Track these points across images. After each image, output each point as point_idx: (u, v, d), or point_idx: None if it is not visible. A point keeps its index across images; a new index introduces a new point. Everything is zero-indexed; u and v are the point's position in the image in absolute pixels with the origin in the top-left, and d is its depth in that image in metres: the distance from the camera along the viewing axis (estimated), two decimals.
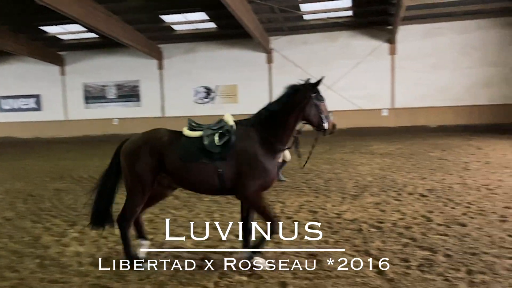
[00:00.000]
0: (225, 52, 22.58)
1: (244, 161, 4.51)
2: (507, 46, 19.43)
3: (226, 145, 4.53)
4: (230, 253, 5.01)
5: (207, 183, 4.56)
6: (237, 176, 4.49)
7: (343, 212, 6.70)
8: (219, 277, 4.37)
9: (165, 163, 4.55)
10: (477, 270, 4.23)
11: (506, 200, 6.98)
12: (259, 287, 4.14)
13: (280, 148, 4.71)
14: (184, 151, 4.55)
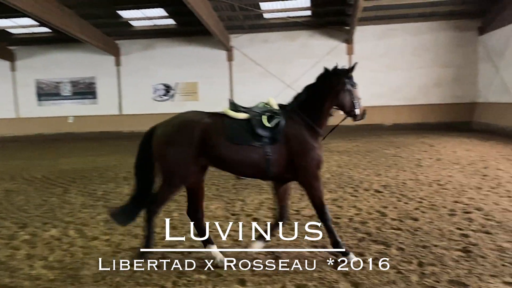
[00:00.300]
0: (185, 49, 22.32)
1: (296, 145, 4.48)
2: (456, 47, 20.35)
3: (276, 128, 4.45)
4: (188, 252, 4.98)
5: (255, 167, 4.47)
6: (288, 161, 4.45)
7: (302, 208, 6.81)
8: (177, 276, 4.34)
9: (208, 146, 4.38)
10: (427, 262, 4.43)
11: (455, 195, 7.33)
12: (218, 285, 4.14)
13: (320, 132, 4.72)
14: (231, 133, 4.41)
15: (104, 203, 7.63)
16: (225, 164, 4.54)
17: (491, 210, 6.30)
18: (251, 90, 21.55)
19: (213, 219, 6.32)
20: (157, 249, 5.10)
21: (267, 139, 4.41)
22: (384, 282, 4.03)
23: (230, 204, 7.27)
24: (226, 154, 4.41)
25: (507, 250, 4.69)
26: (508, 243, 4.89)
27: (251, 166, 4.47)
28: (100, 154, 14.96)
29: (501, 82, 17.57)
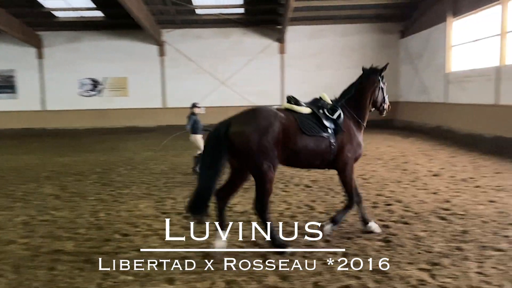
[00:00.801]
0: (114, 43, 21.39)
1: (346, 136, 5.03)
2: (380, 49, 21.48)
3: (338, 120, 4.99)
4: (115, 253, 4.81)
5: (322, 156, 4.94)
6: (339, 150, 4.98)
7: (234, 205, 6.83)
8: (102, 278, 4.17)
9: (287, 139, 4.66)
10: (351, 253, 4.65)
11: (378, 188, 7.76)
12: (146, 285, 4.04)
13: (363, 125, 5.35)
14: (305, 126, 4.79)
15: (23, 205, 7.13)
16: (298, 155, 4.81)
17: (409, 202, 6.74)
18: (184, 86, 21.24)
19: (142, 219, 6.15)
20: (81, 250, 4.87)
21: (332, 130, 4.93)
22: (311, 274, 4.16)
23: (161, 202, 7.12)
24: (302, 145, 4.76)
25: (423, 238, 5.05)
26: (423, 232, 5.26)
27: (320, 155, 4.93)
28: (21, 152, 13.97)
29: (419, 83, 18.86)
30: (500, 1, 12.61)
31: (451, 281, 3.90)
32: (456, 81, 15.54)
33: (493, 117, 12.95)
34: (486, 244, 4.79)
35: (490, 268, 4.13)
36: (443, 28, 16.24)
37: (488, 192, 7.26)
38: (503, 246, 4.69)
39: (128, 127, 21.16)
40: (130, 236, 5.41)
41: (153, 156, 12.69)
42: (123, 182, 8.92)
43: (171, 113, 21.37)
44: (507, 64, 12.51)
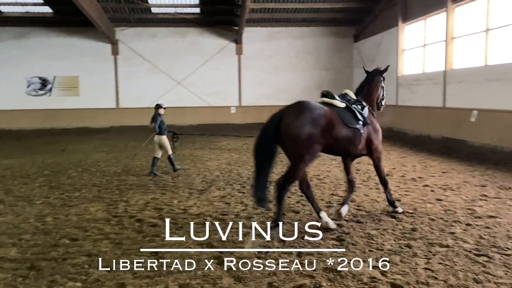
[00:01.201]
0: (64, 40, 20.53)
1: (373, 127, 5.94)
2: (335, 52, 22.00)
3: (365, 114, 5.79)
4: (63, 259, 4.59)
5: (356, 145, 5.64)
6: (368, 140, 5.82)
7: (189, 207, 6.74)
8: (48, 285, 3.96)
9: (331, 129, 5.25)
10: (306, 252, 4.68)
11: (332, 188, 7.91)
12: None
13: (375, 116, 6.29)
14: (345, 118, 5.45)
15: None
16: (338, 144, 5.46)
17: (362, 201, 6.91)
18: (138, 86, 20.77)
19: (92, 222, 5.93)
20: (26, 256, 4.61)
21: (362, 122, 5.63)
22: (265, 275, 4.15)
23: (113, 205, 6.89)
24: (343, 135, 5.41)
25: (374, 236, 5.17)
26: (375, 231, 5.40)
27: (354, 145, 5.61)
28: None
29: None
30: (445, 9, 13.23)
31: (401, 278, 4.02)
32: (406, 84, 16.16)
33: (441, 119, 13.57)
34: (433, 241, 4.98)
35: (437, 264, 4.29)
36: (395, 33, 16.85)
37: (435, 191, 7.57)
38: (449, 243, 4.89)
39: (79, 128, 20.40)
40: (80, 240, 5.20)
41: (106, 157, 12.29)
42: (73, 185, 8.58)
43: (125, 113, 20.86)
44: (453, 68, 13.14)
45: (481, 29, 11.89)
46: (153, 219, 6.07)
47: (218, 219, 6.00)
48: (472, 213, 6.08)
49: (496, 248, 4.68)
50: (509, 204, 6.53)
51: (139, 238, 5.25)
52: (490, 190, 7.49)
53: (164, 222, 5.82)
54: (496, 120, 11.12)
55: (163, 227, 5.67)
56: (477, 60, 12.14)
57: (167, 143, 9.68)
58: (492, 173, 9.04)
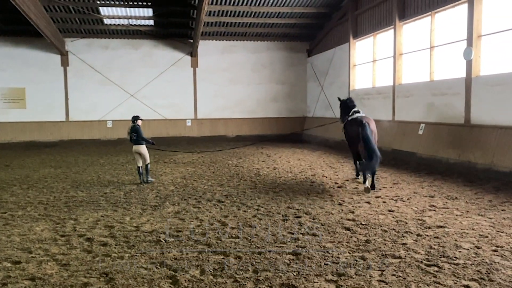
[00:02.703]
0: (9, 50, 19.54)
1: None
2: (289, 66, 22.39)
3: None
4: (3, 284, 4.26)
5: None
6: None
7: (142, 224, 6.52)
8: None
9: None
10: (262, 268, 4.63)
11: (288, 201, 7.94)
12: None
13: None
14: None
15: None
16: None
17: (317, 213, 6.97)
18: (89, 98, 20.13)
19: (38, 243, 5.59)
20: None
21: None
22: None
23: (60, 224, 6.54)
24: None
25: (330, 249, 5.21)
26: (330, 243, 5.45)
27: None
28: None
29: (324, 99, 19.93)
30: (393, 26, 13.83)
31: None
32: (358, 98, 16.64)
33: (390, 131, 14.07)
34: (386, 252, 5.08)
35: (390, 276, 4.37)
36: (346, 48, 17.39)
37: (387, 202, 7.78)
38: (401, 254, 5.01)
39: (26, 142, 19.41)
40: (23, 263, 4.87)
41: (54, 173, 11.73)
42: (17, 202, 8.08)
43: (75, 127, 20.12)
44: (402, 83, 13.70)
45: (426, 46, 12.52)
46: (104, 238, 5.81)
47: (172, 236, 5.84)
48: (422, 224, 6.28)
49: (445, 258, 4.84)
50: (456, 214, 6.81)
51: (88, 259, 4.99)
52: (438, 201, 7.79)
53: (115, 241, 5.60)
54: (441, 133, 11.67)
55: (114, 245, 5.45)
56: (423, 75, 12.74)
57: (147, 152, 10.22)
58: (440, 183, 9.43)
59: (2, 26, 18.48)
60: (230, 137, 21.81)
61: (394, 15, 13.74)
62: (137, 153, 10.09)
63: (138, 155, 10.10)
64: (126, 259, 4.95)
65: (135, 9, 17.64)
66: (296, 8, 18.07)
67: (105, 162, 13.96)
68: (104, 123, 20.33)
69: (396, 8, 13.63)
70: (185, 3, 17.33)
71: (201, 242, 5.56)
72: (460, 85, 10.99)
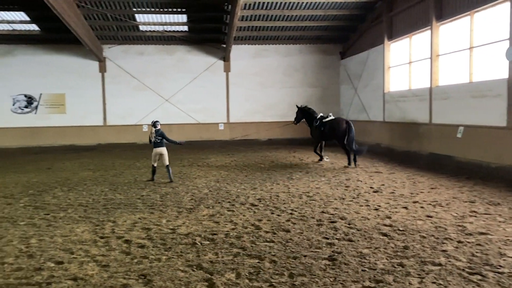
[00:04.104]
0: (51, 58, 20.36)
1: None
2: (322, 69, 22.21)
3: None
4: (47, 283, 4.43)
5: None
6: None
7: (178, 226, 6.61)
8: None
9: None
10: (297, 273, 4.60)
11: (323, 206, 7.86)
12: None
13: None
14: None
15: None
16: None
17: (352, 218, 6.87)
18: (125, 103, 20.67)
19: (79, 244, 5.77)
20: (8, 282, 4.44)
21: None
22: None
23: (100, 226, 6.73)
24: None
25: (367, 255, 5.12)
26: (367, 249, 5.35)
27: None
28: None
29: (358, 102, 19.65)
30: (430, 27, 13.49)
31: None
32: (392, 100, 16.34)
33: (428, 135, 13.71)
34: (425, 259, 4.94)
35: (431, 284, 4.24)
36: (381, 50, 17.10)
37: (425, 207, 7.57)
38: (442, 261, 4.86)
39: (65, 146, 20.14)
40: (65, 263, 5.04)
41: (92, 176, 12.10)
42: (58, 204, 8.38)
43: (111, 131, 20.69)
44: (439, 85, 13.34)
45: (465, 47, 12.13)
46: (141, 240, 5.93)
47: (207, 239, 5.90)
48: (463, 230, 6.08)
49: (489, 266, 4.66)
50: (499, 221, 6.55)
51: (127, 260, 5.11)
52: (479, 206, 7.52)
53: (153, 243, 5.71)
54: (481, 136, 11.27)
55: (152, 247, 5.56)
56: (462, 77, 12.34)
57: (167, 154, 11.00)
58: (481, 188, 9.10)
59: (44, 34, 19.27)
60: (262, 141, 21.84)
61: (431, 15, 13.40)
62: (159, 154, 10.86)
63: (159, 156, 10.87)
64: (163, 261, 5.03)
65: (169, 15, 17.97)
66: (329, 11, 17.92)
67: (141, 165, 14.27)
68: (140, 127, 20.81)
69: (433, 9, 13.29)
70: (219, 8, 17.53)
71: (236, 246, 5.58)
72: (501, 86, 10.58)
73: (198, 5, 17.06)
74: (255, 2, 16.90)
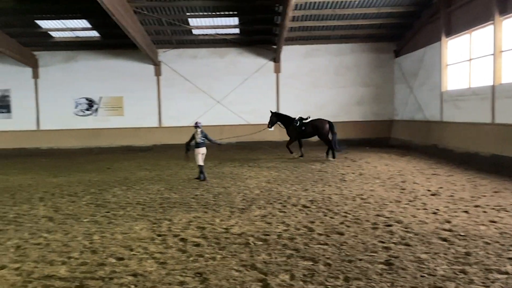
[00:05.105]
0: (110, 62, 21.40)
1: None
2: (375, 68, 21.66)
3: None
4: (110, 278, 4.65)
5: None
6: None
7: (231, 226, 6.71)
8: None
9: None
10: (353, 277, 4.52)
11: (377, 209, 7.66)
12: None
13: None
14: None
15: (15, 227, 6.96)
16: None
17: (409, 222, 6.65)
18: (179, 105, 21.26)
19: (137, 241, 6.01)
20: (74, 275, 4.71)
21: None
22: None
23: (157, 224, 6.97)
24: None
25: (425, 261, 4.93)
26: (425, 254, 5.15)
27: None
28: (14, 172, 13.78)
29: (414, 101, 18.96)
30: (492, 21, 12.77)
31: None
32: (451, 99, 15.62)
33: (490, 135, 12.97)
34: (490, 266, 4.68)
35: None
36: (438, 47, 16.41)
37: (488, 212, 7.18)
38: (509, 269, 4.59)
39: (123, 147, 21.06)
40: (125, 260, 5.27)
41: (149, 175, 12.55)
42: (118, 203, 8.77)
43: (166, 132, 21.35)
44: (502, 83, 12.60)
45: None
46: (196, 238, 6.08)
47: (260, 239, 5.94)
48: None
49: None
50: None
51: (183, 258, 5.26)
52: None
53: (207, 242, 5.83)
54: None
55: (206, 246, 5.68)
56: None
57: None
58: None
59: (104, 40, 20.26)
60: (313, 142, 21.63)
61: (493, 10, 12.66)
62: (203, 154, 11.46)
63: (201, 155, 11.43)
64: (218, 260, 5.13)
65: (221, 18, 18.28)
66: (383, 8, 17.45)
67: (194, 165, 14.57)
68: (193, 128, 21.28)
69: (496, 3, 12.57)
70: (270, 10, 17.59)
71: (289, 247, 5.58)
72: None
73: (249, 8, 17.21)
74: (306, 2, 16.80)
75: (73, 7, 16.70)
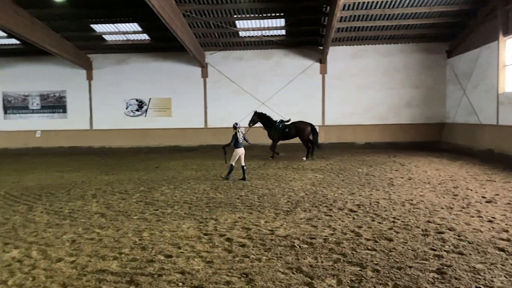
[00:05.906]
0: (159, 65, 22.09)
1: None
2: (425, 69, 20.94)
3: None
4: (158, 275, 4.77)
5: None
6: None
7: (276, 228, 6.69)
8: None
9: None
10: (403, 284, 4.38)
11: (428, 215, 7.38)
12: None
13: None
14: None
15: (70, 222, 7.30)
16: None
17: (463, 230, 6.35)
18: (224, 107, 21.55)
19: (185, 239, 6.12)
20: (125, 270, 4.87)
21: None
22: None
23: (203, 223, 7.08)
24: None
25: (481, 271, 4.70)
26: (481, 264, 4.91)
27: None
28: (69, 170, 14.49)
29: (467, 104, 18.14)
30: None
31: None
32: (509, 102, 14.82)
33: None
34: None
35: None
36: (495, 47, 15.63)
37: None
38: None
39: (171, 147, 21.65)
40: (173, 257, 5.38)
41: (195, 175, 12.78)
42: (166, 201, 8.99)
43: (212, 133, 21.70)
44: None
45: None
46: (242, 239, 6.11)
47: (306, 242, 5.88)
48: None
49: None
50: None
51: (229, 258, 5.30)
52: None
53: (253, 243, 5.84)
54: None
55: (252, 247, 5.69)
56: None
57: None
58: None
59: (153, 43, 20.90)
60: (359, 144, 21.24)
61: None
62: (241, 154, 11.88)
63: (239, 156, 11.84)
64: (263, 262, 5.13)
65: (268, 20, 18.34)
66: (435, 7, 16.84)
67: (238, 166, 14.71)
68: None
69: None
70: (317, 10, 17.45)
71: (336, 251, 5.49)
72: None
73: (296, 9, 17.15)
74: (354, 3, 16.52)
75: (126, 11, 17.35)
